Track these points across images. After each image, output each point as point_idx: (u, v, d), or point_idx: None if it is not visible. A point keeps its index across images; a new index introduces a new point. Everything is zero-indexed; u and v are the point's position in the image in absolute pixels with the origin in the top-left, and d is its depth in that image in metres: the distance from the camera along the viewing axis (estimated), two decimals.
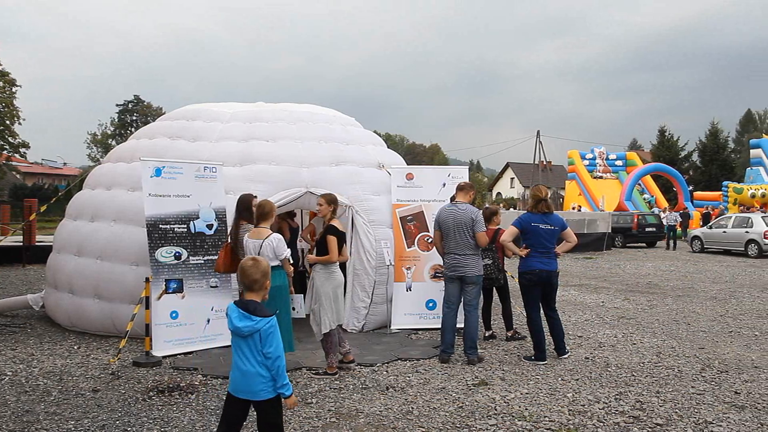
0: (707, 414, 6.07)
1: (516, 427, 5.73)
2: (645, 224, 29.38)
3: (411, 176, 9.95)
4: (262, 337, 4.15)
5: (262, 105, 10.81)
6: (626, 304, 12.60)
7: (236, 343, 4.22)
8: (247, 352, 4.17)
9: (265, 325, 4.16)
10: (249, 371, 4.16)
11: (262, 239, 6.96)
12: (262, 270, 4.34)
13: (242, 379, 4.18)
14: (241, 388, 4.19)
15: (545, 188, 8.35)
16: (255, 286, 4.31)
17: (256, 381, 4.16)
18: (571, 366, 7.78)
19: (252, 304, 4.21)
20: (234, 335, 4.21)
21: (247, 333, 4.14)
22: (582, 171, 46.57)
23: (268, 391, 4.20)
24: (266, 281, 4.36)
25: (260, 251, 6.88)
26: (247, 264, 4.36)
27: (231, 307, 4.27)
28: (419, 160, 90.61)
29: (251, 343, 4.16)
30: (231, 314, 4.21)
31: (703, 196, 44.29)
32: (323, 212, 7.60)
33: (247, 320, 4.14)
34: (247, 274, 4.30)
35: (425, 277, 9.77)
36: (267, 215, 7.21)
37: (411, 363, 7.91)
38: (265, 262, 4.43)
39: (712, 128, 67.28)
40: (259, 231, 7.09)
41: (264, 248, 6.91)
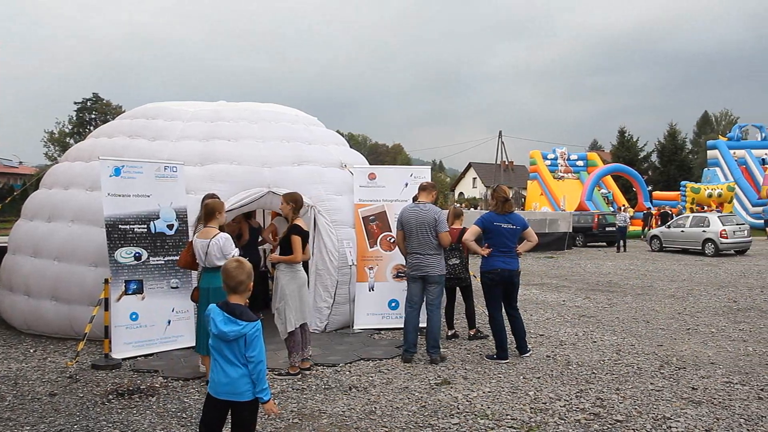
0: (665, 410, 6.16)
1: (478, 425, 5.75)
2: (605, 224, 29.72)
3: (373, 176, 9.94)
4: (247, 341, 4.10)
5: (224, 104, 10.72)
6: (587, 302, 12.73)
7: (218, 346, 4.15)
8: (230, 355, 4.11)
9: (252, 329, 4.11)
10: (234, 372, 4.10)
11: (209, 239, 6.88)
12: (247, 271, 4.28)
13: (227, 381, 4.11)
14: (224, 389, 4.12)
15: (505, 187, 8.40)
16: (240, 287, 4.24)
17: (241, 382, 4.11)
18: (533, 364, 7.84)
19: (238, 308, 4.15)
20: (217, 338, 4.13)
21: (232, 338, 4.07)
22: (544, 171, 46.98)
23: (250, 392, 4.15)
24: (251, 282, 4.31)
25: (207, 251, 6.81)
26: (231, 266, 4.28)
27: (215, 310, 4.18)
28: (382, 160, 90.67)
29: (235, 347, 4.10)
30: (215, 318, 4.12)
31: (662, 196, 44.95)
32: (286, 211, 7.55)
33: (233, 324, 4.08)
34: (232, 276, 4.22)
35: (388, 277, 9.77)
36: (211, 215, 7.09)
37: (374, 363, 7.90)
38: (248, 264, 4.36)
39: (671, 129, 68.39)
40: (207, 231, 6.99)
41: (211, 248, 6.82)
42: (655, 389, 6.83)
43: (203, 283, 6.96)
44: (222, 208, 7.25)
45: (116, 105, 69.48)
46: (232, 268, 4.25)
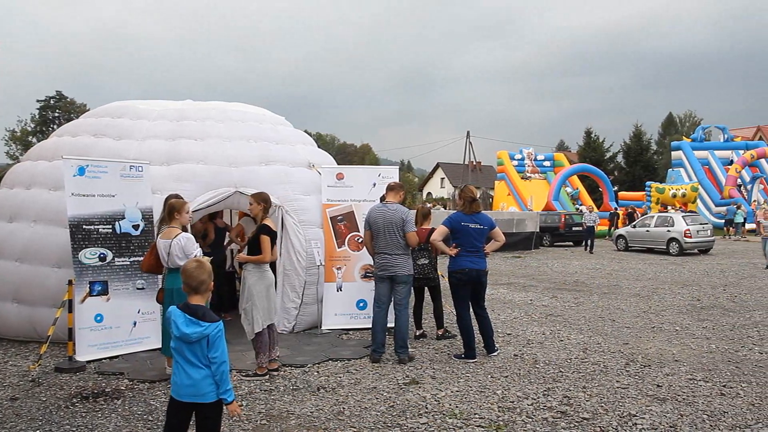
0: (631, 407, 6.22)
1: (447, 424, 5.76)
2: (572, 224, 29.98)
3: (341, 176, 9.92)
4: (209, 342, 4.06)
5: (190, 103, 10.62)
6: (554, 301, 12.83)
7: (180, 348, 4.09)
8: (192, 356, 4.06)
9: (214, 330, 4.07)
10: (196, 374, 4.05)
11: (171, 239, 6.81)
12: (207, 271, 4.24)
13: (190, 383, 4.06)
14: (187, 391, 4.07)
15: (472, 188, 8.42)
16: (201, 287, 4.19)
17: (204, 383, 4.06)
18: (501, 363, 7.87)
19: (200, 310, 4.11)
20: (179, 340, 4.08)
21: (195, 339, 4.03)
22: (511, 171, 47.26)
23: (214, 393, 4.12)
24: (212, 282, 4.26)
25: (169, 251, 6.74)
26: (191, 266, 4.23)
27: (176, 312, 4.13)
28: (350, 160, 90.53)
29: (197, 348, 4.05)
30: (176, 320, 4.06)
31: (628, 196, 45.46)
32: (255, 211, 7.50)
33: (195, 326, 4.03)
34: (193, 276, 4.18)
35: (356, 277, 9.75)
36: (170, 215, 7.03)
37: (342, 363, 7.88)
38: (208, 264, 4.32)
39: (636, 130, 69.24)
40: (169, 231, 6.92)
41: (173, 248, 6.76)
42: (620, 387, 6.89)
43: (167, 284, 6.89)
44: (183, 208, 7.16)
45: (80, 103, 68.47)
46: (192, 268, 4.21)
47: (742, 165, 41.08)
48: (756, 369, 7.62)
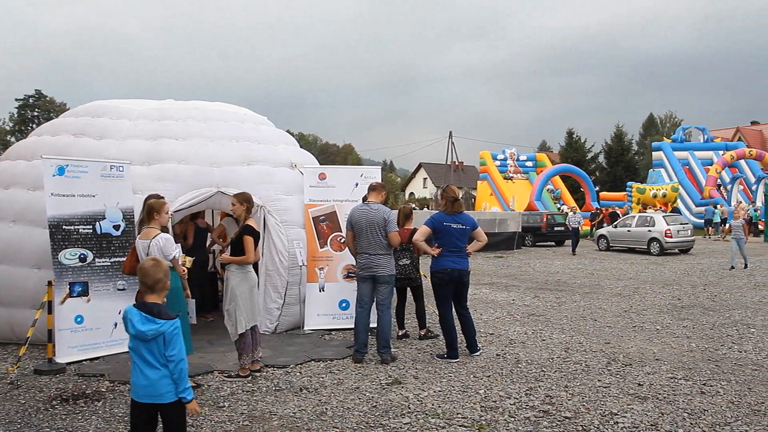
0: (613, 406, 6.25)
1: (429, 424, 5.76)
2: (554, 224, 30.13)
3: (324, 176, 9.89)
4: (166, 340, 4.04)
5: (171, 102, 10.56)
6: (536, 301, 12.87)
7: (137, 347, 4.07)
8: (149, 355, 4.03)
9: (170, 327, 4.05)
10: (153, 374, 4.03)
11: (149, 239, 6.76)
12: (164, 270, 4.24)
13: (147, 383, 4.04)
14: (145, 392, 4.06)
15: (455, 188, 8.44)
16: (157, 286, 4.19)
17: (162, 383, 4.04)
18: (483, 363, 7.89)
19: (156, 307, 4.10)
20: (135, 339, 4.06)
21: (151, 337, 4.00)
22: (493, 171, 47.42)
23: (173, 393, 4.09)
24: (168, 281, 4.27)
25: (148, 252, 6.68)
26: (147, 264, 4.25)
27: (131, 310, 4.11)
28: (332, 160, 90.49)
29: (154, 347, 4.03)
30: (132, 318, 4.05)
31: (609, 196, 45.72)
32: (238, 212, 7.46)
33: (151, 323, 4.01)
34: (149, 275, 4.18)
35: (338, 278, 9.74)
36: (149, 215, 6.96)
37: (324, 364, 7.87)
38: (165, 263, 4.33)
39: (617, 131, 69.73)
40: (148, 231, 6.85)
41: (151, 249, 6.68)
42: (602, 386, 6.93)
43: None
44: (162, 208, 7.09)
45: (60, 102, 67.95)
46: (149, 266, 4.22)
47: (722, 165, 41.45)
48: (735, 367, 7.68)
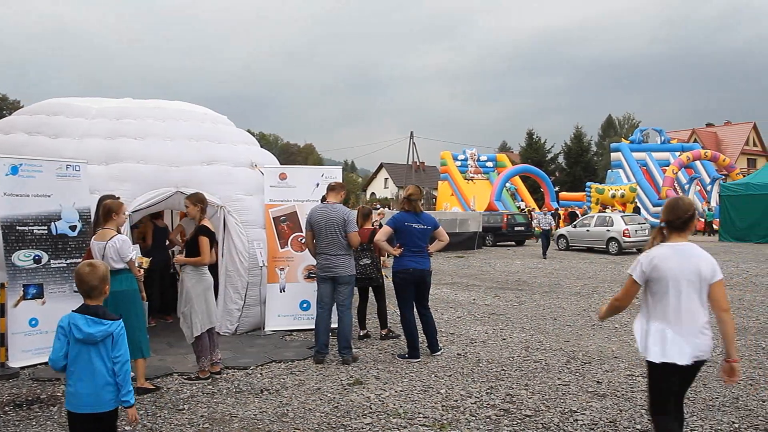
0: (572, 403, 6.31)
1: (391, 424, 5.76)
2: (514, 223, 30.38)
3: (284, 176, 9.83)
4: (114, 341, 3.97)
5: (130, 101, 10.40)
6: (496, 300, 12.95)
7: (81, 353, 3.97)
8: (97, 360, 3.93)
9: (117, 328, 4.00)
10: (98, 382, 3.94)
11: (105, 241, 6.64)
12: (99, 275, 4.07)
13: (90, 392, 3.94)
14: (87, 401, 3.94)
15: (418, 188, 8.43)
16: (94, 292, 4.06)
17: (105, 391, 3.95)
18: (444, 363, 7.91)
19: (99, 309, 4.02)
20: (82, 344, 3.96)
21: (100, 338, 3.93)
22: (454, 172, 47.69)
23: (114, 400, 4.02)
24: (105, 286, 4.11)
25: (104, 253, 6.56)
26: (84, 270, 4.07)
27: (75, 316, 4.01)
28: (293, 160, 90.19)
29: (102, 350, 3.95)
30: (77, 323, 3.94)
31: (568, 196, 46.30)
32: (192, 213, 7.37)
33: (99, 325, 3.93)
34: (84, 281, 4.04)
35: (299, 278, 9.69)
36: (107, 216, 6.81)
37: (285, 365, 7.82)
38: (103, 266, 4.16)
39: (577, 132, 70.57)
40: (104, 232, 6.72)
41: (108, 250, 6.56)
42: (562, 384, 6.99)
43: None
44: (120, 209, 6.97)
45: (13, 100, 66.36)
46: (85, 273, 4.06)
47: (679, 166, 42.19)
48: None
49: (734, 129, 76.16)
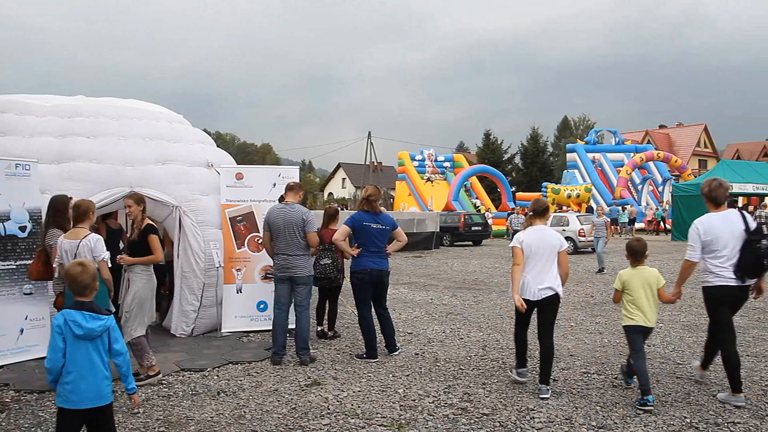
0: (529, 402, 6.36)
1: (349, 425, 5.74)
2: (471, 223, 30.55)
3: (241, 176, 9.74)
4: (111, 334, 4.13)
5: (83, 99, 10.19)
6: (454, 300, 13.01)
7: (80, 349, 4.01)
8: (95, 355, 4.08)
9: (113, 321, 4.16)
10: (99, 376, 4.07)
11: (79, 239, 6.53)
12: (91, 274, 4.19)
13: (91, 387, 4.03)
14: (89, 396, 4.06)
15: (377, 189, 8.42)
16: (86, 291, 4.16)
17: (104, 384, 4.15)
18: (402, 362, 7.91)
19: (94, 305, 4.14)
20: (81, 340, 4.00)
21: (100, 332, 4.08)
22: (412, 172, 47.79)
23: (111, 393, 4.20)
24: (95, 283, 4.22)
25: (77, 251, 6.45)
26: (75, 270, 4.17)
27: (71, 313, 4.08)
28: (250, 159, 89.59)
29: (100, 344, 4.09)
30: (75, 319, 4.02)
31: (525, 196, 46.68)
32: (134, 213, 7.27)
33: (96, 320, 4.05)
34: (78, 280, 4.13)
35: (256, 279, 9.61)
36: (84, 215, 6.72)
37: (242, 366, 7.75)
38: (92, 265, 4.29)
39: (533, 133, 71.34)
40: (76, 231, 6.62)
41: (81, 248, 6.46)
42: (519, 382, 7.03)
43: None
44: (92, 210, 6.89)
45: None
46: (77, 272, 4.16)
47: (632, 167, 42.91)
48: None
49: (686, 131, 77.77)
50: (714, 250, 6.37)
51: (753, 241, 6.25)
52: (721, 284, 6.36)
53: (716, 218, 6.48)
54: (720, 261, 6.35)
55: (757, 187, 31.71)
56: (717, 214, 6.53)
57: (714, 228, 6.40)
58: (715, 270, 6.39)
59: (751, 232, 6.31)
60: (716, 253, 6.36)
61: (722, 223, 6.41)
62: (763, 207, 25.95)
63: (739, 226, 6.37)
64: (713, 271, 6.41)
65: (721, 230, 6.37)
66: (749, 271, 6.30)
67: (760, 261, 6.24)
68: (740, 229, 6.34)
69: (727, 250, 6.31)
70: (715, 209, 6.59)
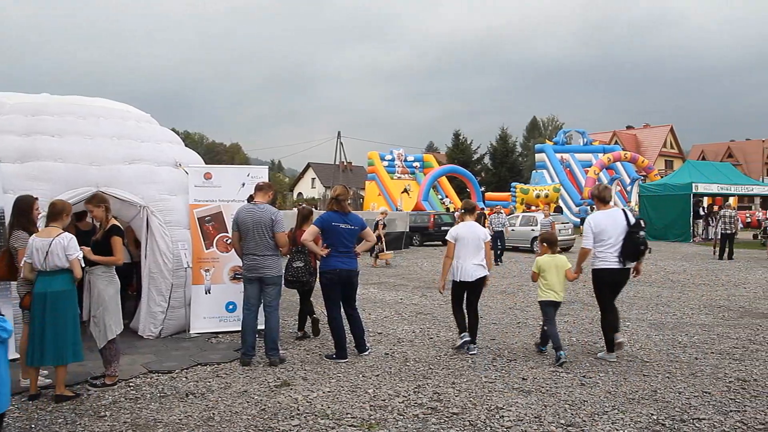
0: (498, 400, 6.39)
1: (319, 425, 5.72)
2: (441, 223, 30.63)
3: (209, 176, 9.67)
4: None
5: (48, 97, 10.00)
6: (423, 300, 13.03)
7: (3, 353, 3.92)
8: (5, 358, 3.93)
9: None
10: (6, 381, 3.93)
11: (51, 237, 6.42)
12: None
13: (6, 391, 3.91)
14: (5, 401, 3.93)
15: (345, 188, 8.41)
16: None
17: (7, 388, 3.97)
18: (372, 362, 7.91)
19: None
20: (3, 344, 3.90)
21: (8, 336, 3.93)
22: (381, 172, 47.83)
23: None
24: None
25: (49, 250, 6.35)
26: None
27: None
28: (219, 159, 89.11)
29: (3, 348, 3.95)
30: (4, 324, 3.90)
31: (494, 196, 46.99)
32: (98, 216, 7.17)
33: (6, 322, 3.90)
34: None
35: (225, 279, 9.55)
36: (58, 215, 6.62)
37: (211, 367, 7.70)
38: None
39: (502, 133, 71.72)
40: (49, 230, 6.51)
41: (54, 247, 6.36)
42: (488, 381, 7.07)
43: (39, 288, 6.39)
44: (68, 210, 6.79)
45: None
46: None
47: (600, 167, 43.33)
48: (612, 359, 8.00)
49: (653, 131, 78.83)
50: (602, 239, 7.90)
51: (633, 233, 7.83)
52: (605, 267, 7.93)
53: (604, 215, 8.03)
54: (606, 248, 7.89)
55: (721, 187, 32.24)
56: (605, 211, 8.09)
57: (602, 222, 7.94)
58: (601, 256, 7.93)
59: (632, 225, 7.87)
60: (603, 242, 7.89)
61: (609, 219, 7.95)
62: (728, 207, 26.31)
63: (622, 220, 7.91)
64: (599, 256, 7.96)
65: (607, 224, 7.91)
66: (630, 256, 7.86)
67: (638, 248, 7.85)
68: (623, 224, 7.88)
69: (612, 239, 7.85)
70: (604, 207, 8.17)
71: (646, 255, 8.22)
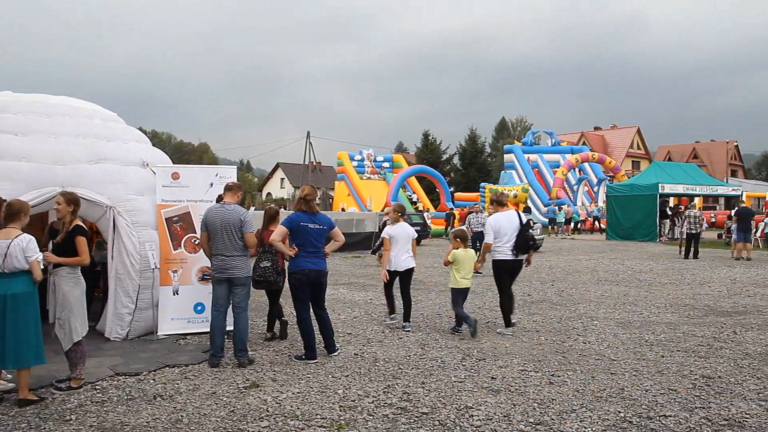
0: (468, 400, 6.41)
1: (288, 427, 5.69)
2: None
3: (177, 176, 9.57)
4: None
5: (10, 95, 9.83)
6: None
7: None
8: None
9: None
10: None
11: (10, 239, 6.31)
12: None
13: None
14: None
15: (313, 188, 8.38)
16: None
17: None
18: (341, 363, 7.89)
19: None
20: None
21: None
22: (351, 172, 47.76)
23: None
24: None
25: (8, 252, 6.23)
26: None
27: None
28: (187, 159, 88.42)
29: None
30: None
31: (463, 196, 47.15)
32: (63, 212, 7.05)
33: None
34: None
35: (193, 280, 9.47)
36: (16, 215, 6.49)
37: (180, 369, 7.63)
38: None
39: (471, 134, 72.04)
40: (8, 231, 6.39)
41: (12, 248, 6.24)
42: (457, 380, 7.09)
43: None
44: (28, 210, 6.66)
45: None
46: None
47: (568, 168, 43.73)
48: (580, 358, 8.08)
49: (620, 132, 79.72)
50: (500, 236, 9.58)
51: (524, 231, 9.55)
52: (502, 258, 9.66)
53: (502, 216, 9.74)
54: (503, 243, 9.58)
55: (687, 188, 32.68)
56: (502, 213, 9.82)
57: (499, 222, 9.64)
58: (499, 249, 9.64)
59: (523, 224, 9.59)
60: (501, 238, 9.58)
61: (505, 219, 9.66)
62: (693, 207, 26.68)
63: (516, 221, 9.63)
64: (498, 250, 9.64)
65: (503, 223, 9.61)
66: (522, 249, 9.58)
67: (527, 243, 9.61)
68: (516, 223, 9.60)
69: (507, 236, 9.55)
70: (501, 209, 9.91)
71: (534, 249, 10.30)
